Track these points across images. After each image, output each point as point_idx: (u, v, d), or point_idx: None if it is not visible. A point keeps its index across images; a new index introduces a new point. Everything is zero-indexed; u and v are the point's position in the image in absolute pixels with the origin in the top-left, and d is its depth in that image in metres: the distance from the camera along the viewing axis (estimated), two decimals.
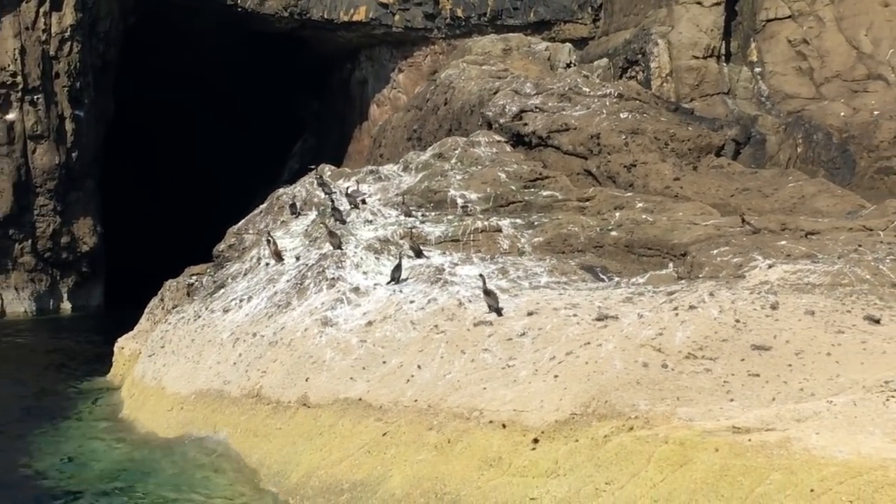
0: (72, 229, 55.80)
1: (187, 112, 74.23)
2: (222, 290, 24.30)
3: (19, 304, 52.72)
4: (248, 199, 29.47)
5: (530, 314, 18.27)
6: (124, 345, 29.10)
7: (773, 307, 16.69)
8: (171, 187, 77.63)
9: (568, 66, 39.25)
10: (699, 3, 39.32)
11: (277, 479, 17.58)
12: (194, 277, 29.54)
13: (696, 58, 38.76)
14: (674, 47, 38.85)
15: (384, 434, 16.97)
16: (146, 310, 30.42)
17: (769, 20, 41.03)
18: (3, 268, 53.00)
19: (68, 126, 55.14)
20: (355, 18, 64.57)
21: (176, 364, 22.24)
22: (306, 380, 18.91)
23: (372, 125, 60.02)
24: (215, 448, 19.22)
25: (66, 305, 55.88)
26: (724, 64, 40.33)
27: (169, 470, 18.45)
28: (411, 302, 19.82)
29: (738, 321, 16.50)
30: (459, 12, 62.37)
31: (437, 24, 63.21)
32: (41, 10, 53.90)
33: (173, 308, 27.01)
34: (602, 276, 21.36)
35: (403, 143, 37.19)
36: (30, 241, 54.03)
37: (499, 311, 18.71)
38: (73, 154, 55.34)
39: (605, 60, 41.70)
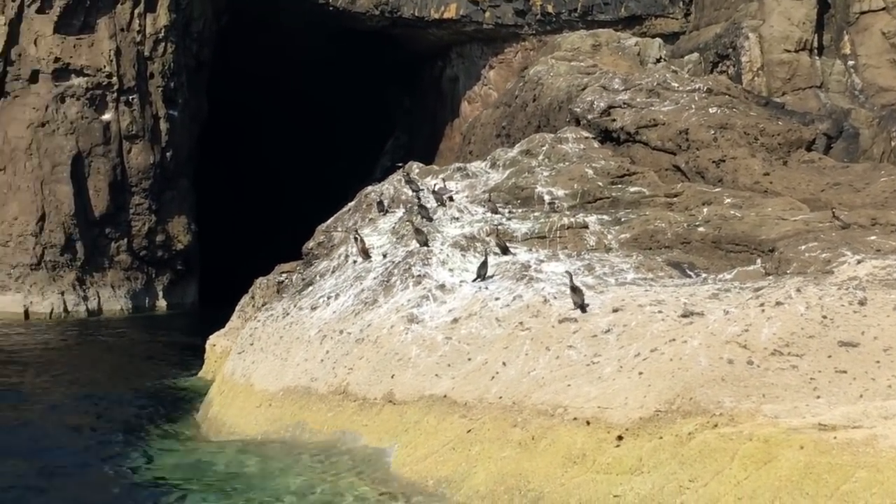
0: (167, 228, 56.60)
1: (279, 110, 74.85)
2: (310, 288, 24.44)
3: (115, 302, 53.50)
4: (341, 196, 29.66)
5: (615, 311, 18.20)
6: (216, 342, 29.42)
7: (862, 303, 16.47)
8: (264, 185, 78.27)
9: (658, 61, 39.01)
10: None
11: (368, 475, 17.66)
12: (284, 275, 29.80)
13: (788, 51, 38.36)
14: (765, 41, 38.48)
15: (469, 431, 17.00)
16: (237, 307, 30.77)
17: (863, 12, 40.54)
18: (99, 266, 53.84)
19: (163, 126, 55.95)
20: (446, 16, 64.74)
21: (264, 361, 22.42)
22: (392, 377, 18.99)
23: (463, 122, 60.05)
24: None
25: (162, 303, 56.67)
26: (817, 57, 39.89)
27: (253, 468, 18.61)
28: (496, 299, 19.82)
29: (825, 317, 16.31)
30: (550, 8, 62.29)
31: (528, 21, 63.16)
32: (136, 11, 54.69)
33: (263, 306, 27.25)
34: (689, 272, 21.21)
35: (492, 139, 37.19)
36: (125, 239, 54.89)
37: (584, 308, 18.66)
38: (168, 153, 56.13)
39: (695, 55, 41.39)
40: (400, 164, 29.27)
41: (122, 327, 48.19)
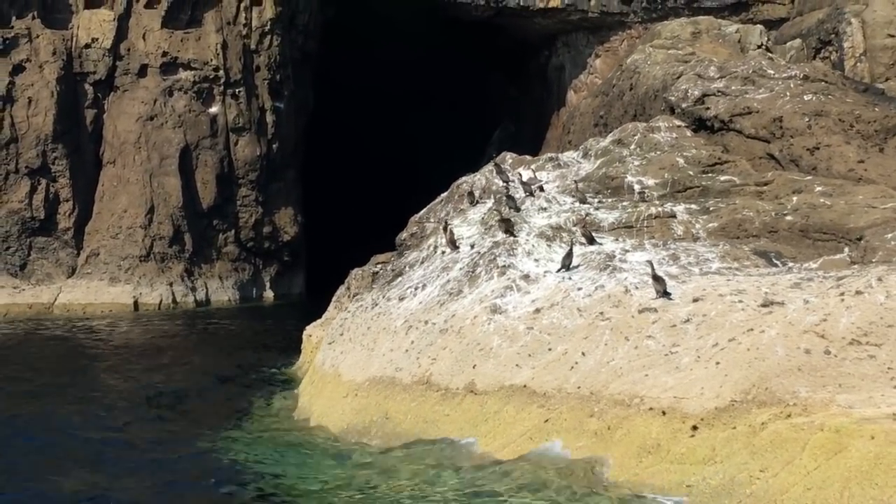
0: (273, 219, 57.22)
1: (386, 100, 75.16)
2: (400, 279, 24.60)
3: (223, 293, 54.22)
4: (447, 187, 29.76)
5: (696, 300, 18.14)
6: (312, 332, 29.70)
7: None
8: (371, 174, 78.70)
9: (759, 48, 38.52)
10: None
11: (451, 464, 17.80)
12: (379, 265, 29.94)
13: (892, 36, 37.69)
14: (868, 26, 37.87)
15: (546, 420, 17.10)
16: (334, 298, 31.00)
17: None
18: (207, 257, 54.63)
19: (269, 118, 56.59)
20: (551, 5, 64.51)
21: (352, 351, 22.62)
22: (473, 367, 19.10)
23: (569, 111, 59.87)
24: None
25: (269, 294, 57.30)
26: None
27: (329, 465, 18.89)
28: (579, 289, 19.84)
29: None
30: None
31: (633, 9, 62.77)
32: (242, 4, 55.41)
33: (354, 296, 27.49)
34: (776, 261, 21.03)
35: (590, 129, 37.02)
36: (233, 231, 55.62)
37: (667, 295, 18.63)
38: (274, 145, 56.75)
39: (797, 41, 40.85)
40: (494, 155, 29.23)
41: (229, 317, 48.85)
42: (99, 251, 51.78)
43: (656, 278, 18.95)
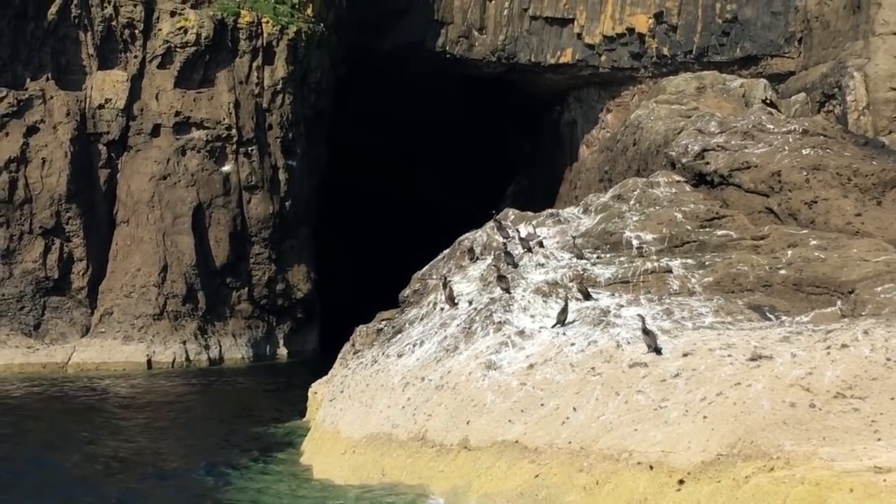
0: (287, 276, 57.47)
1: (400, 155, 75.78)
2: (399, 335, 24.84)
3: (237, 351, 54.39)
4: None
5: (685, 355, 18.32)
6: (317, 389, 29.94)
7: None
8: (385, 230, 79.08)
9: (763, 102, 38.76)
10: None
11: None
12: (383, 322, 30.14)
13: (894, 90, 37.97)
14: (870, 80, 38.14)
15: (536, 476, 17.26)
16: (339, 355, 31.21)
17: None
18: (220, 315, 54.85)
19: (281, 176, 56.94)
20: (562, 60, 65.12)
21: (351, 408, 22.84)
22: (467, 423, 19.29)
23: (577, 166, 60.18)
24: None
25: (283, 351, 57.45)
26: None
27: None
28: (572, 344, 20.03)
29: (888, 359, 16.30)
30: (665, 50, 62.26)
31: (644, 63, 63.17)
32: (254, 64, 55.87)
33: (356, 353, 27.71)
34: (769, 315, 21.20)
35: (595, 184, 37.31)
36: (246, 288, 55.87)
37: (658, 351, 18.80)
38: (287, 203, 57.06)
39: (802, 95, 41.12)
40: (493, 212, 29.48)
41: (241, 375, 49.10)
42: (112, 310, 52.03)
43: (647, 332, 19.13)
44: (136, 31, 54.39)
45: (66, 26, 53.38)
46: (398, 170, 77.97)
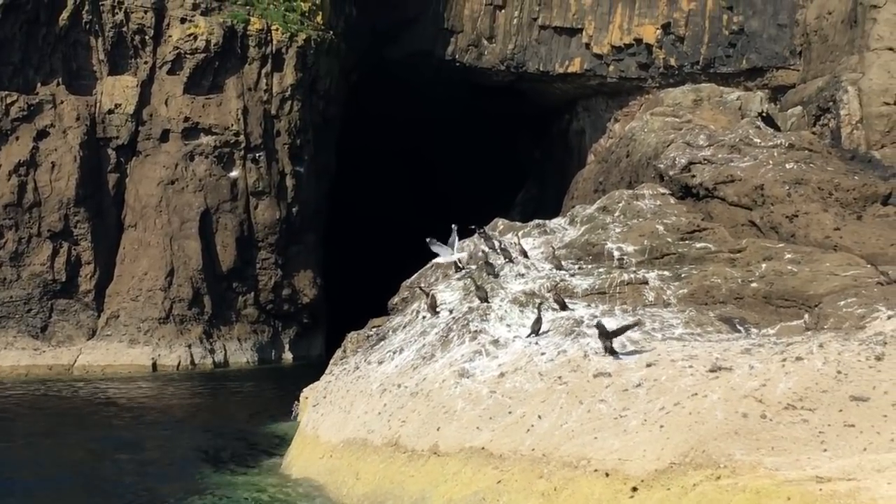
0: (293, 282, 58.05)
1: (412, 162, 76.16)
2: (382, 343, 25.36)
3: (242, 355, 54.98)
4: None
5: (649, 365, 18.72)
6: (308, 394, 30.43)
7: (878, 358, 16.82)
8: (393, 236, 79.41)
9: (759, 115, 39.15)
10: (891, 48, 38.78)
11: None
12: (374, 329, 30.62)
13: (887, 104, 38.18)
14: (864, 94, 38.38)
15: (498, 482, 17.67)
16: (331, 361, 31.70)
17: None
18: (226, 320, 55.45)
19: (289, 182, 57.56)
20: (570, 70, 65.63)
21: (331, 414, 23.35)
22: (438, 429, 19.74)
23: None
24: None
25: (288, 355, 58.02)
26: None
27: None
28: (542, 354, 20.46)
29: (839, 372, 16.69)
30: (673, 61, 62.67)
31: (651, 74, 63.60)
32: (263, 71, 56.50)
33: (341, 360, 28.20)
34: (739, 327, 21.62)
35: (591, 195, 37.73)
36: (252, 293, 56.48)
37: (615, 354, 19.28)
38: (294, 209, 57.63)
39: (798, 109, 41.45)
40: (473, 227, 29.86)
41: (245, 379, 49.66)
42: (119, 313, 52.68)
43: (603, 334, 19.58)
44: (147, 37, 55.12)
45: (77, 32, 54.09)
46: (409, 176, 78.43)
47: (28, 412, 37.17)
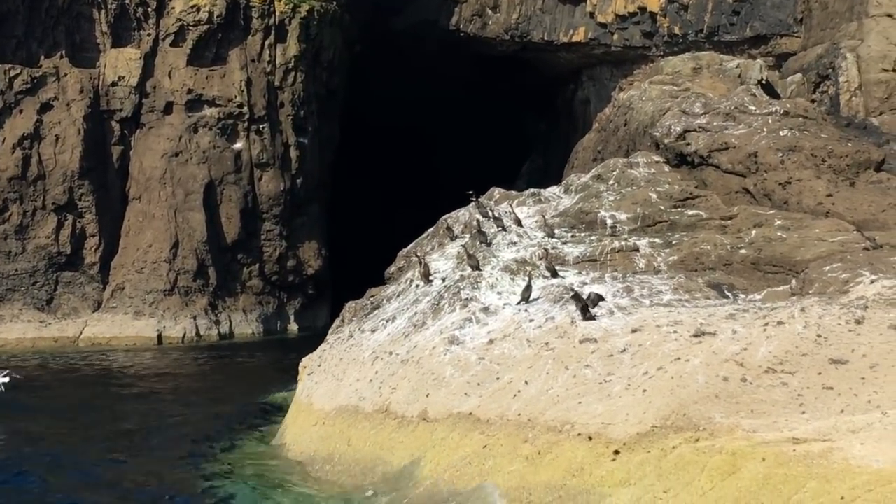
0: (297, 253, 58.25)
1: (416, 133, 76.15)
2: (376, 311, 25.53)
3: (247, 326, 55.26)
4: None
5: (634, 331, 18.90)
6: (307, 363, 30.59)
7: (858, 322, 16.98)
8: (399, 206, 79.56)
9: (759, 82, 39.17)
10: (890, 15, 38.82)
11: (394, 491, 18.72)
12: (372, 298, 30.74)
13: (886, 71, 38.23)
14: (863, 61, 38.44)
15: (484, 447, 17.88)
16: (330, 330, 31.88)
17: None
18: (231, 291, 55.71)
19: (293, 153, 57.68)
20: (574, 39, 65.35)
21: (325, 382, 23.54)
22: (427, 396, 19.93)
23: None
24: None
25: (293, 326, 58.27)
26: None
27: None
28: (531, 321, 20.62)
29: (819, 336, 16.85)
30: (677, 29, 62.36)
31: (655, 42, 63.32)
32: (266, 42, 56.58)
33: (337, 328, 28.36)
34: (728, 293, 21.77)
35: (590, 163, 37.74)
36: (257, 265, 56.70)
37: (591, 317, 19.53)
38: (298, 180, 57.77)
39: (798, 76, 41.50)
40: (470, 192, 30.00)
41: (250, 350, 49.91)
42: (124, 285, 52.99)
43: (576, 298, 19.79)
44: (150, 10, 55.24)
45: (80, 4, 54.31)
46: (414, 148, 78.44)
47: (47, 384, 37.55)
